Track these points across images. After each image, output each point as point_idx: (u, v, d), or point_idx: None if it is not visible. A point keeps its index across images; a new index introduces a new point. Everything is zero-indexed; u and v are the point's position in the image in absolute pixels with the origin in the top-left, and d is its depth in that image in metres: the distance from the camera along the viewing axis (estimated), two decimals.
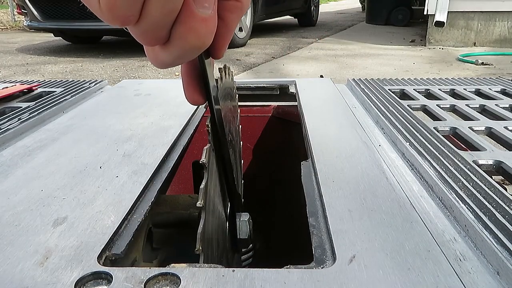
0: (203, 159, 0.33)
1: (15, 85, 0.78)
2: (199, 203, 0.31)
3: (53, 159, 0.48)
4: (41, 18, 4.85)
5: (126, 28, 0.20)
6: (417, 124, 0.54)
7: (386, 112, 0.59)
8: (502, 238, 0.30)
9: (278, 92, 0.90)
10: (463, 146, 0.52)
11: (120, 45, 5.67)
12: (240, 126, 0.62)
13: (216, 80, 0.34)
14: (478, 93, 0.74)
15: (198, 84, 0.28)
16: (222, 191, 0.45)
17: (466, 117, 0.60)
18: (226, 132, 0.40)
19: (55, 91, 0.76)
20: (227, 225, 0.47)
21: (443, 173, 0.40)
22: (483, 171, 0.41)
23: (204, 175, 0.33)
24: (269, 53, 4.98)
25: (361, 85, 0.76)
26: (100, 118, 0.63)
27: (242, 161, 0.62)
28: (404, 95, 0.74)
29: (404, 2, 7.28)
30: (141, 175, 0.43)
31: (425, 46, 5.24)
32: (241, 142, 0.62)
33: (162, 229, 0.49)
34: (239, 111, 0.60)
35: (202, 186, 0.32)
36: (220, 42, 0.25)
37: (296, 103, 0.77)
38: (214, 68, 0.31)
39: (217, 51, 0.26)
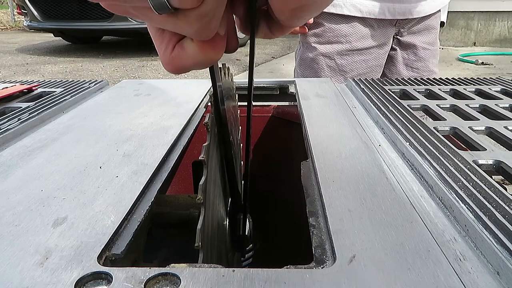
0: (202, 155, 0.33)
1: (15, 85, 0.78)
2: (198, 199, 0.31)
3: (53, 159, 0.48)
4: (41, 18, 4.85)
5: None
6: (417, 124, 0.54)
7: (386, 112, 0.59)
8: (502, 238, 0.30)
9: (278, 92, 0.90)
10: (463, 146, 0.52)
11: (120, 45, 5.67)
12: (240, 129, 0.62)
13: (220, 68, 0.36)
14: (478, 93, 0.74)
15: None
16: (222, 189, 0.45)
17: (466, 117, 0.60)
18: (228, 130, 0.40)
19: (55, 91, 0.76)
20: (227, 224, 0.47)
21: (443, 173, 0.40)
22: (483, 171, 0.41)
23: (204, 171, 0.34)
24: (269, 53, 4.98)
25: (361, 85, 0.76)
26: (100, 118, 0.63)
27: (242, 162, 0.62)
28: (404, 95, 0.74)
29: None
30: (141, 175, 0.43)
31: None
32: (241, 144, 0.62)
33: (162, 229, 0.49)
34: (239, 118, 0.60)
35: (201, 182, 0.32)
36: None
37: (296, 103, 0.77)
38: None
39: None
